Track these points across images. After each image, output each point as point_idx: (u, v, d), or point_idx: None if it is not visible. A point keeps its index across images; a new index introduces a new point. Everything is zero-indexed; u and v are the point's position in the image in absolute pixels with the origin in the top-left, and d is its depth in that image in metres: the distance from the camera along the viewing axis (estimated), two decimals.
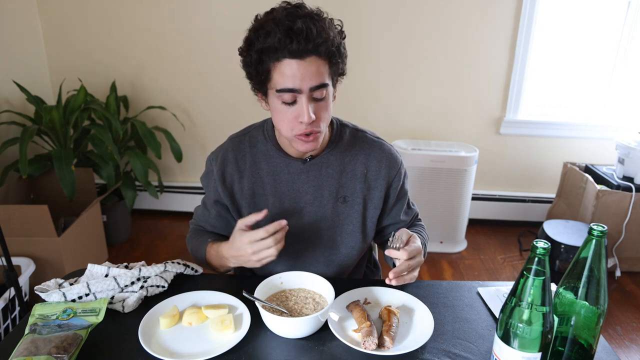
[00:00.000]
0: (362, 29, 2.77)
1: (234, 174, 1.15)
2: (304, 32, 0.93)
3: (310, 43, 0.94)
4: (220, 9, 2.75)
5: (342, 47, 1.02)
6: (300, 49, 0.94)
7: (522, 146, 3.01)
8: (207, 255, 1.16)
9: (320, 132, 1.04)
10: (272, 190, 1.15)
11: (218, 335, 0.94)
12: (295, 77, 0.96)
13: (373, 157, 1.17)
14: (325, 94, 1.01)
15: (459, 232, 2.83)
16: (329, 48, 0.97)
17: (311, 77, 0.96)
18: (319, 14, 0.98)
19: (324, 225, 1.16)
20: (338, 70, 1.03)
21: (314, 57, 0.96)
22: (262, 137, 1.16)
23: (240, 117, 3.18)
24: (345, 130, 1.18)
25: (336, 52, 0.99)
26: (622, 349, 2.07)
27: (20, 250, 2.09)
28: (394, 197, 1.21)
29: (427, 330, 0.95)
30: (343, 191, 1.16)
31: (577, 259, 0.80)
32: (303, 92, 0.98)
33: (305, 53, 0.95)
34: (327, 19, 1.00)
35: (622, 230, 2.52)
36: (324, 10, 1.00)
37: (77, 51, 2.88)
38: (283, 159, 1.14)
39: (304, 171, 1.14)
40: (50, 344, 0.85)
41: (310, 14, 0.97)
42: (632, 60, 2.82)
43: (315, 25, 0.94)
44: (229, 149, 1.16)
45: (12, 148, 2.48)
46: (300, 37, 0.93)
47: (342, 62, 1.04)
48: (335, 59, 1.00)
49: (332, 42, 0.97)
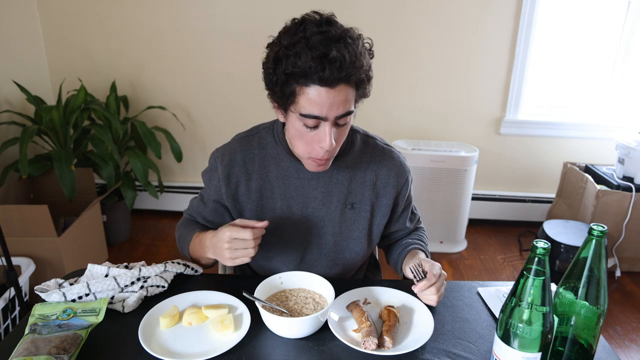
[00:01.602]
0: (362, 29, 2.76)
1: (240, 175, 1.13)
2: (337, 61, 0.88)
3: (342, 72, 0.89)
4: (220, 9, 2.74)
5: (370, 72, 0.97)
6: (332, 78, 0.89)
7: (522, 146, 3.01)
8: (190, 244, 1.15)
9: (334, 156, 1.05)
10: (281, 194, 1.13)
11: (218, 335, 0.94)
12: (323, 105, 0.92)
13: (384, 165, 1.16)
14: (349, 120, 0.99)
15: (459, 232, 2.83)
16: (360, 76, 0.93)
17: (339, 106, 0.93)
18: (352, 37, 0.93)
19: (331, 230, 1.15)
20: (364, 94, 1.00)
21: (343, 86, 0.92)
22: (272, 140, 1.14)
23: (241, 117, 3.18)
24: (356, 136, 1.17)
25: (365, 79, 0.95)
26: (622, 349, 2.07)
27: (20, 250, 2.09)
28: (401, 205, 1.21)
29: (427, 330, 0.95)
30: (352, 198, 1.15)
31: (577, 259, 0.80)
32: (328, 120, 0.95)
33: (336, 82, 0.90)
34: (360, 42, 0.95)
35: (622, 230, 2.52)
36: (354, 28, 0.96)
37: (77, 51, 2.88)
38: (293, 163, 1.12)
39: (314, 177, 1.13)
40: (50, 344, 0.85)
41: (343, 36, 0.91)
42: (632, 60, 2.82)
43: (349, 52, 0.90)
44: (237, 150, 1.14)
45: (12, 148, 2.48)
46: (334, 67, 0.88)
47: (369, 85, 0.99)
48: (363, 85, 0.96)
49: (363, 70, 0.93)
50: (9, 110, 2.52)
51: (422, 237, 1.27)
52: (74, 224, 2.26)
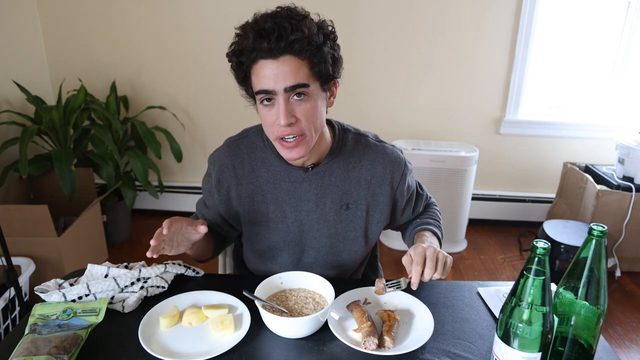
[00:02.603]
0: (362, 30, 2.77)
1: (231, 180, 1.12)
2: (275, 31, 0.90)
3: (282, 41, 0.90)
4: (220, 9, 2.75)
5: (326, 47, 0.96)
6: (271, 48, 0.91)
7: (522, 146, 3.01)
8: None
9: (305, 137, 0.99)
10: (272, 198, 1.12)
11: (218, 335, 0.94)
12: (269, 78, 0.93)
13: (378, 162, 1.13)
14: (308, 94, 0.96)
15: (459, 232, 2.83)
16: (305, 46, 0.92)
17: (286, 77, 0.92)
18: (298, 12, 0.94)
19: (326, 232, 1.14)
20: (322, 70, 0.96)
21: (288, 56, 0.92)
22: (261, 145, 1.13)
23: (241, 117, 3.18)
24: (347, 135, 1.14)
25: (316, 51, 0.93)
26: (622, 349, 2.07)
27: (20, 250, 2.09)
28: (402, 200, 1.19)
29: (427, 330, 0.94)
30: (346, 199, 1.13)
31: (577, 259, 0.80)
32: (278, 93, 0.94)
33: (277, 52, 0.91)
34: (308, 18, 0.95)
35: (622, 230, 2.52)
36: (309, 11, 0.96)
37: (77, 51, 2.88)
38: (284, 167, 1.10)
39: (306, 180, 1.11)
40: (50, 344, 0.85)
41: (288, 13, 0.93)
42: (632, 60, 2.82)
43: (291, 24, 0.91)
44: (227, 154, 1.13)
45: (12, 148, 2.48)
46: (272, 36, 0.90)
47: (330, 63, 0.97)
48: (316, 58, 0.94)
49: (309, 39, 0.92)
50: (9, 110, 2.52)
51: (432, 215, 1.25)
52: (74, 224, 2.26)
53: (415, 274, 0.97)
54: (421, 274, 0.97)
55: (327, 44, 0.97)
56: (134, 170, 2.62)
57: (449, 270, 1.01)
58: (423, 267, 0.97)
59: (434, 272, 0.97)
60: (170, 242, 0.99)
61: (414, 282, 0.97)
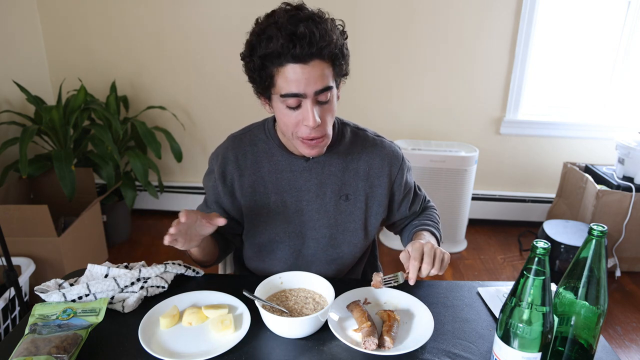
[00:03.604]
0: (362, 29, 2.77)
1: (234, 172, 1.15)
2: (307, 36, 0.92)
3: (313, 47, 0.93)
4: (220, 9, 2.74)
5: (344, 48, 1.01)
6: (303, 54, 0.93)
7: (522, 146, 3.01)
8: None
9: (327, 136, 1.04)
10: (274, 188, 1.15)
11: (218, 335, 0.94)
12: (299, 82, 0.95)
13: (376, 155, 1.17)
14: (330, 96, 1.00)
15: (459, 232, 2.83)
16: (333, 50, 0.96)
17: (316, 81, 0.96)
18: (320, 16, 0.97)
19: (326, 222, 1.16)
20: (342, 71, 1.03)
21: (317, 61, 0.95)
22: (264, 136, 1.16)
23: (241, 117, 3.18)
24: (346, 129, 1.18)
25: (339, 54, 0.98)
26: (622, 349, 2.07)
27: (20, 250, 2.09)
28: (399, 193, 1.21)
29: (427, 330, 0.94)
30: (345, 189, 1.16)
31: (577, 259, 0.80)
32: (308, 97, 0.97)
33: (308, 57, 0.94)
34: (329, 20, 0.98)
35: (622, 230, 2.52)
36: (325, 11, 0.99)
37: (77, 51, 2.88)
38: (285, 157, 1.14)
39: (307, 169, 1.14)
40: (50, 344, 0.85)
41: (311, 16, 0.95)
42: (632, 60, 2.82)
43: (318, 28, 0.93)
44: (229, 148, 1.16)
45: (12, 148, 2.48)
46: (304, 42, 0.92)
47: (345, 63, 1.03)
48: (338, 60, 0.99)
49: (335, 44, 0.96)
50: (9, 110, 2.52)
51: (430, 217, 1.26)
52: (74, 224, 2.26)
53: (413, 269, 0.97)
54: (419, 269, 0.97)
55: (344, 45, 1.01)
56: (134, 170, 2.62)
57: (447, 267, 1.02)
58: (420, 262, 0.98)
59: (432, 267, 0.98)
60: (184, 235, 0.98)
61: (411, 277, 0.97)
